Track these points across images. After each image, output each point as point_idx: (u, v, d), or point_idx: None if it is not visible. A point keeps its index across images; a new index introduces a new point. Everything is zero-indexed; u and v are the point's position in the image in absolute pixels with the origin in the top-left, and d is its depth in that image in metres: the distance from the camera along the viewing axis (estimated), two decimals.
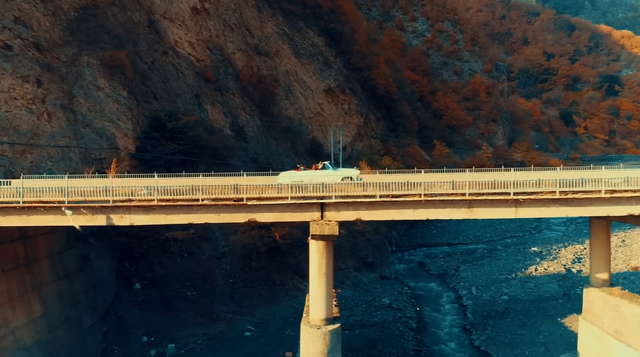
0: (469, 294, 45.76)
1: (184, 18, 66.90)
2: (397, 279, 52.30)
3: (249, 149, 72.89)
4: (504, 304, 41.76)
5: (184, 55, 66.06)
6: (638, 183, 21.72)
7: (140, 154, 51.71)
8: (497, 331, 36.26)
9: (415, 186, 22.02)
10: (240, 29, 79.51)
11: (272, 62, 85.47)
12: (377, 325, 38.02)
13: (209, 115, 67.91)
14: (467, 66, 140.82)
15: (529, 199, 22.18)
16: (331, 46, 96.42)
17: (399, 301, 44.02)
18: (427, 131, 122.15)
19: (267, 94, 77.99)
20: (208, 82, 68.06)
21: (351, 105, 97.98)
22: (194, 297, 36.78)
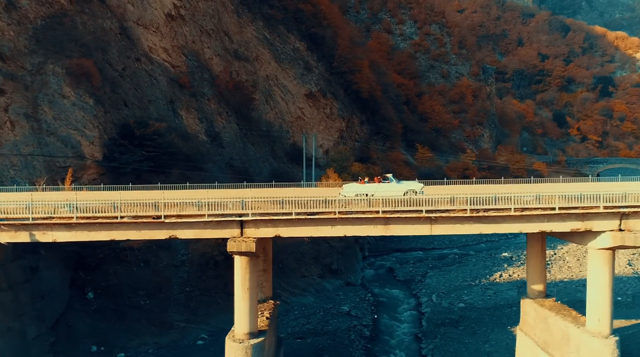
0: (428, 301, 46.17)
1: (159, 24, 67.31)
2: (362, 286, 52.72)
3: (225, 155, 73.31)
4: (460, 312, 42.16)
5: (158, 62, 66.46)
6: (548, 200, 22.12)
7: (107, 161, 52.19)
8: (446, 340, 36.67)
9: (331, 204, 22.43)
10: (219, 34, 79.86)
11: (252, 67, 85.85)
12: (330, 333, 38.43)
13: (183, 121, 68.35)
14: (454, 69, 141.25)
15: (442, 216, 22.58)
16: (313, 50, 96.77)
17: (358, 309, 44.43)
18: (413, 134, 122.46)
19: (244, 99, 78.41)
20: (183, 88, 68.44)
21: (333, 109, 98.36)
22: (147, 306, 37.18)
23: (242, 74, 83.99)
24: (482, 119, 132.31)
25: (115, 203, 22.30)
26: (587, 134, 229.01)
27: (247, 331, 23.54)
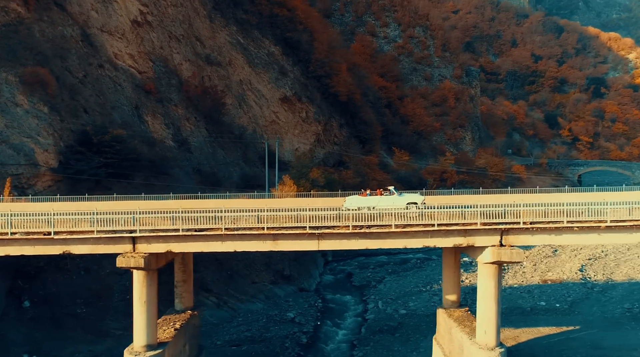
0: (374, 307, 46.65)
1: (124, 31, 67.84)
2: (316, 292, 53.20)
3: (192, 160, 73.83)
4: (400, 319, 42.64)
5: (123, 68, 66.99)
6: (430, 217, 22.59)
7: (63, 169, 52.72)
8: (377, 347, 37.14)
9: (219, 220, 22.93)
10: (190, 39, 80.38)
11: (224, 71, 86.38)
12: (267, 340, 38.92)
13: (149, 127, 68.88)
14: (437, 72, 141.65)
15: (328, 232, 23.07)
16: (288, 55, 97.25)
17: (304, 315, 44.92)
18: (394, 137, 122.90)
19: (214, 104, 78.89)
20: (149, 94, 68.98)
21: (309, 113, 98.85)
22: (84, 314, 37.69)
23: (215, 79, 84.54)
24: (464, 121, 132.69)
25: (9, 218, 22.81)
26: (579, 135, 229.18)
27: (144, 343, 24.05)
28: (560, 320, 40.03)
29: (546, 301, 44.86)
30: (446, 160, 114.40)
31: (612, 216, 22.43)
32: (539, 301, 44.96)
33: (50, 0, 58.18)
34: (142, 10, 70.23)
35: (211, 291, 45.46)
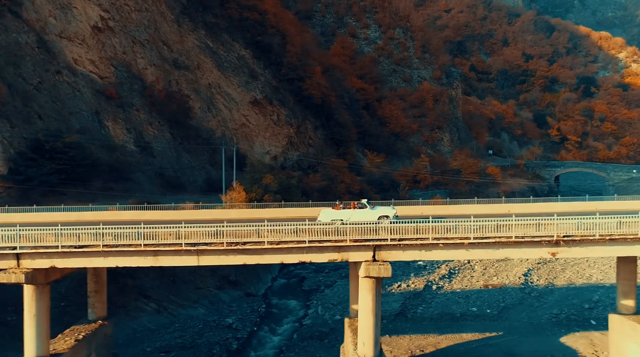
0: (314, 312, 47.32)
1: (84, 37, 68.45)
2: (263, 297, 53.81)
3: (155, 164, 74.53)
4: (333, 325, 43.29)
5: (83, 73, 67.63)
6: (302, 233, 23.21)
7: (11, 176, 53.38)
8: (301, 354, 37.78)
9: (98, 237, 23.58)
10: (156, 44, 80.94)
11: (192, 75, 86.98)
12: (197, 347, 39.56)
13: (110, 132, 69.54)
14: (417, 73, 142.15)
15: (207, 249, 23.69)
16: (259, 58, 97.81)
17: (243, 321, 45.55)
18: (371, 139, 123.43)
19: (180, 108, 79.52)
20: (109, 99, 69.62)
21: (280, 116, 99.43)
22: (14, 322, 38.31)
23: (182, 83, 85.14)
24: (442, 123, 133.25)
25: None
26: (567, 135, 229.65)
27: (34, 355, 24.75)
28: (486, 326, 40.70)
29: (479, 306, 45.53)
30: (420, 162, 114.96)
31: (476, 233, 23.05)
32: (472, 306, 45.61)
33: (4, 7, 58.71)
34: (103, 16, 70.78)
35: (150, 297, 46.10)
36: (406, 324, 43.01)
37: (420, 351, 37.18)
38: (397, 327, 42.49)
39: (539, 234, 23.59)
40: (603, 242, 24.53)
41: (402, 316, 45.45)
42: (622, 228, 24.72)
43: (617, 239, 24.44)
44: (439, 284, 54.54)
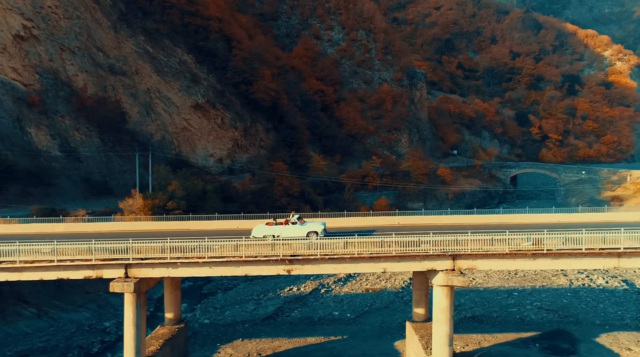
0: (192, 316, 48.92)
1: (6, 45, 70.16)
2: (158, 300, 55.40)
3: (82, 169, 76.23)
4: (199, 329, 44.88)
5: (4, 81, 69.37)
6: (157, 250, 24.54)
7: None
8: None
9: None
10: (89, 50, 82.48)
11: (130, 81, 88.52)
12: (57, 350, 41.18)
13: (32, 139, 71.32)
14: (378, 75, 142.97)
15: (70, 265, 25.09)
16: (203, 63, 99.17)
17: (121, 324, 47.16)
18: (327, 141, 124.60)
19: (111, 113, 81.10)
20: (32, 107, 71.35)
21: (225, 119, 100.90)
22: None
23: (119, 88, 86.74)
24: (399, 124, 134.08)
25: None
26: (548, 133, 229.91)
27: None
28: (336, 329, 42.10)
29: (344, 310, 46.91)
30: (371, 164, 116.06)
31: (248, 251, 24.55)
32: (337, 310, 47.03)
33: None
34: (25, 24, 72.47)
35: (29, 302, 47.88)
36: (266, 327, 44.47)
37: (257, 354, 38.69)
38: (256, 330, 43.98)
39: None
40: (399, 258, 25.54)
41: (272, 319, 46.92)
42: (420, 246, 25.66)
43: (412, 255, 25.42)
44: (330, 287, 55.97)
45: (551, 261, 25.39)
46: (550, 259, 25.26)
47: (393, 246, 25.32)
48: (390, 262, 26.06)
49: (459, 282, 25.34)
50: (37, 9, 74.23)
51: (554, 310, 46.06)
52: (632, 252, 25.15)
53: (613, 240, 24.88)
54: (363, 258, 25.64)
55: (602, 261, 25.47)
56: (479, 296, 51.36)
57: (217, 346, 40.88)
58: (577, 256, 25.24)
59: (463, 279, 25.31)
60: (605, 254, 25.07)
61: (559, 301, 48.84)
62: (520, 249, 25.17)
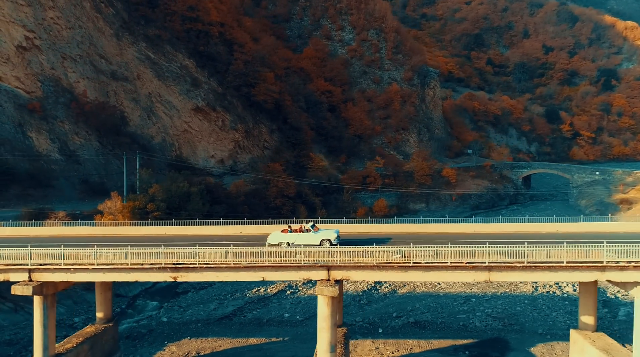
0: (157, 313, 51.59)
1: (9, 56, 75.16)
2: (134, 297, 58.52)
3: (80, 171, 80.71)
4: (155, 326, 47.38)
5: (7, 89, 74.46)
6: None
7: None
8: None
9: None
10: (91, 57, 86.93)
11: (132, 86, 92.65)
12: (21, 343, 44.70)
13: (34, 143, 76.19)
14: (387, 75, 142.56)
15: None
16: (204, 67, 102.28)
17: (86, 320, 50.44)
18: (333, 141, 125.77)
19: (111, 117, 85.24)
20: (33, 113, 76.19)
21: (225, 121, 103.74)
22: None
23: (120, 93, 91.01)
24: (407, 124, 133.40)
25: None
26: (580, 130, 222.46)
27: None
28: (280, 331, 43.83)
29: (296, 312, 48.45)
30: (374, 164, 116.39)
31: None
32: (288, 312, 48.56)
33: None
34: (27, 35, 77.31)
35: (7, 298, 51.73)
36: (217, 327, 46.53)
37: (197, 352, 40.78)
38: (206, 330, 46.09)
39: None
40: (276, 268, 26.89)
41: (228, 319, 48.95)
42: (296, 257, 26.98)
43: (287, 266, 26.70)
44: (297, 289, 57.49)
45: (422, 273, 26.05)
46: (421, 272, 25.93)
47: (267, 257, 26.68)
48: (268, 272, 27.45)
49: (328, 292, 26.42)
50: (39, 20, 79.00)
51: (501, 318, 45.87)
52: (500, 266, 25.49)
53: (481, 253, 25.33)
54: (242, 267, 27.12)
55: (471, 274, 25.91)
56: (436, 301, 51.60)
57: (164, 344, 43.23)
58: (447, 269, 25.83)
59: (332, 289, 26.36)
60: (471, 268, 25.54)
61: (512, 308, 48.50)
62: (389, 262, 25.97)
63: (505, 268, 25.50)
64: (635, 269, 25.25)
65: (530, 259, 25.24)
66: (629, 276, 25.53)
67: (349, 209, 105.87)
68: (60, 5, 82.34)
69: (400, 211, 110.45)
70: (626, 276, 25.59)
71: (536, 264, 25.30)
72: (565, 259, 25.30)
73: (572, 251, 25.28)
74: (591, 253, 25.28)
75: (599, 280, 27.63)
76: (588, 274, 25.74)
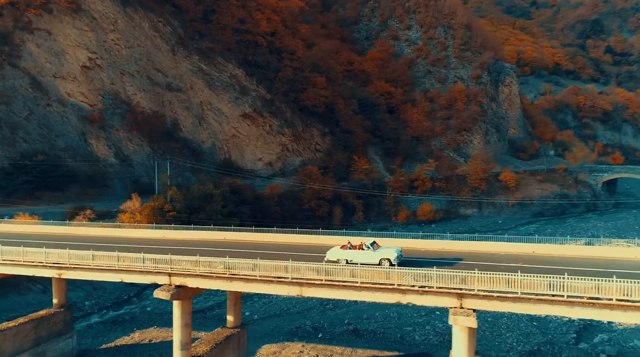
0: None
1: (75, 75, 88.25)
2: None
3: (134, 173, 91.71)
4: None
5: (73, 104, 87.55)
6: None
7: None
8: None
9: None
10: (148, 72, 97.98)
11: (185, 96, 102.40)
12: None
13: (93, 149, 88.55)
14: (453, 73, 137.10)
15: None
16: (253, 75, 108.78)
17: (99, 304, 58.64)
18: (390, 143, 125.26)
19: (162, 125, 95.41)
20: (93, 123, 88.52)
21: (272, 126, 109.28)
22: None
23: (175, 103, 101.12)
24: (470, 125, 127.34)
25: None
26: None
27: None
28: None
29: (260, 312, 51.30)
30: (426, 167, 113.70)
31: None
32: (256, 313, 51.61)
33: (4, 60, 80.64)
34: (90, 57, 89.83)
35: (37, 281, 62.00)
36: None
37: (149, 340, 45.83)
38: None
39: None
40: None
41: (201, 313, 53.57)
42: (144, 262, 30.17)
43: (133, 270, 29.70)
44: None
45: (262, 285, 27.74)
46: (262, 284, 27.67)
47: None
48: (124, 274, 31.06)
49: (163, 296, 29.22)
50: (100, 42, 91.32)
51: (444, 334, 44.04)
52: (310, 282, 26.32)
53: (294, 269, 26.31)
54: (104, 269, 31.11)
55: (287, 288, 27.03)
56: (399, 311, 50.81)
57: (133, 330, 49.10)
58: (274, 283, 27.21)
59: (167, 293, 29.10)
60: (287, 282, 26.79)
61: None
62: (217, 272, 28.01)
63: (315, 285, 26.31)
64: None
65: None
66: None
67: (391, 212, 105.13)
68: (120, 28, 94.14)
69: (450, 216, 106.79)
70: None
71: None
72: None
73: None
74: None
75: None
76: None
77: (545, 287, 23.20)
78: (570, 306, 23.19)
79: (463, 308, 25.01)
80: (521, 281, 23.60)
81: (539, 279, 23.34)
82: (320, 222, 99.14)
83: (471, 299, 24.89)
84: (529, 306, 23.97)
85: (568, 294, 22.92)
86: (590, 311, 23.04)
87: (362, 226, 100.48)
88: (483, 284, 24.22)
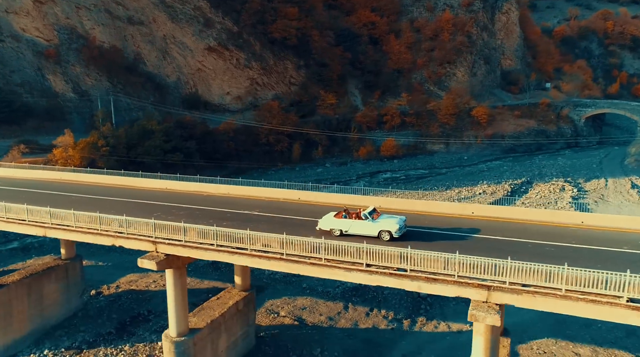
0: None
1: (28, 10, 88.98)
2: None
3: (92, 107, 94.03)
4: None
5: (27, 39, 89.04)
6: None
7: None
8: None
9: None
10: (108, 5, 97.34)
11: (147, 29, 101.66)
12: None
13: (51, 84, 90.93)
14: (443, 1, 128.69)
15: None
16: (217, 7, 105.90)
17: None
18: (370, 76, 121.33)
19: (120, 59, 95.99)
20: (49, 58, 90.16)
21: (240, 59, 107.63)
22: None
23: (137, 37, 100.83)
24: (453, 56, 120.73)
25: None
26: None
27: None
28: None
29: None
30: (398, 102, 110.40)
31: None
32: None
33: None
34: None
35: None
36: None
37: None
38: None
39: None
40: None
41: None
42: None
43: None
44: None
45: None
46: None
47: None
48: None
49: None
50: None
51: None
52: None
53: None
54: None
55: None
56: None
57: None
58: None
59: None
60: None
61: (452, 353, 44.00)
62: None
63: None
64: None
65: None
66: None
67: (356, 148, 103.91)
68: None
69: (415, 152, 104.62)
70: None
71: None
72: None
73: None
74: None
75: None
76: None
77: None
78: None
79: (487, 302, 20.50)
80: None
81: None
82: (279, 157, 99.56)
83: (500, 292, 20.24)
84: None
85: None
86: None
87: (321, 161, 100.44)
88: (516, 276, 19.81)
